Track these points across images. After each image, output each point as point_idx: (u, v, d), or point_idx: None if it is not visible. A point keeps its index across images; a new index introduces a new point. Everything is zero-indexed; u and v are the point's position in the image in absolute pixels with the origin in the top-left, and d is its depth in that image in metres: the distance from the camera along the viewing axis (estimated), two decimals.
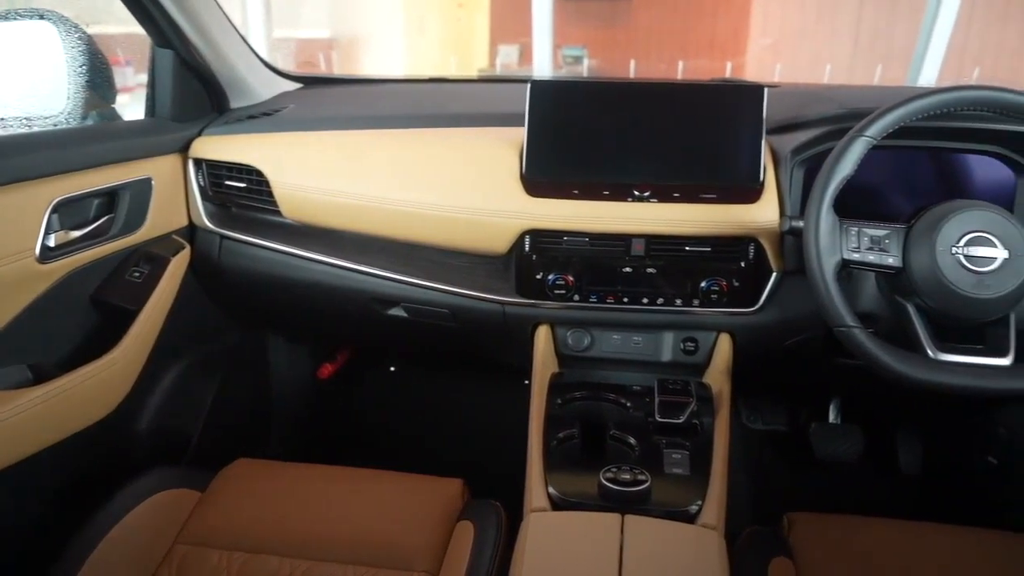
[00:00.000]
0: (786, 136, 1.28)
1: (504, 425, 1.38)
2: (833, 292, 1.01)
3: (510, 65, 6.92)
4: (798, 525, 1.13)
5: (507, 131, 1.32)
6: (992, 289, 0.98)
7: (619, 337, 1.33)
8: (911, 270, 1.02)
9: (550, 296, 1.26)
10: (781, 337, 1.28)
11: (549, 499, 1.02)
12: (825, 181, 1.02)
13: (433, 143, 1.34)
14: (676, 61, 6.40)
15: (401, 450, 1.86)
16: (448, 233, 1.29)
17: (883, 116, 1.02)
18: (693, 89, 1.24)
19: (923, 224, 1.03)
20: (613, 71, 6.89)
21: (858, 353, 1.01)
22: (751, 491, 1.78)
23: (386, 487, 1.21)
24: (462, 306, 1.33)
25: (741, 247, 1.23)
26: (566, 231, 1.24)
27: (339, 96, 1.72)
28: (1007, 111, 1.02)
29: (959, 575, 1.04)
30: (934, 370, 0.99)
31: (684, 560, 0.90)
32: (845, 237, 1.03)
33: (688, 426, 1.12)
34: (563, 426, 1.14)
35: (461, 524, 1.12)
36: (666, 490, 1.01)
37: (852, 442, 1.76)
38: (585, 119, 1.24)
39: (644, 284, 1.25)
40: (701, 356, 1.30)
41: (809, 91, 1.59)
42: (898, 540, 1.11)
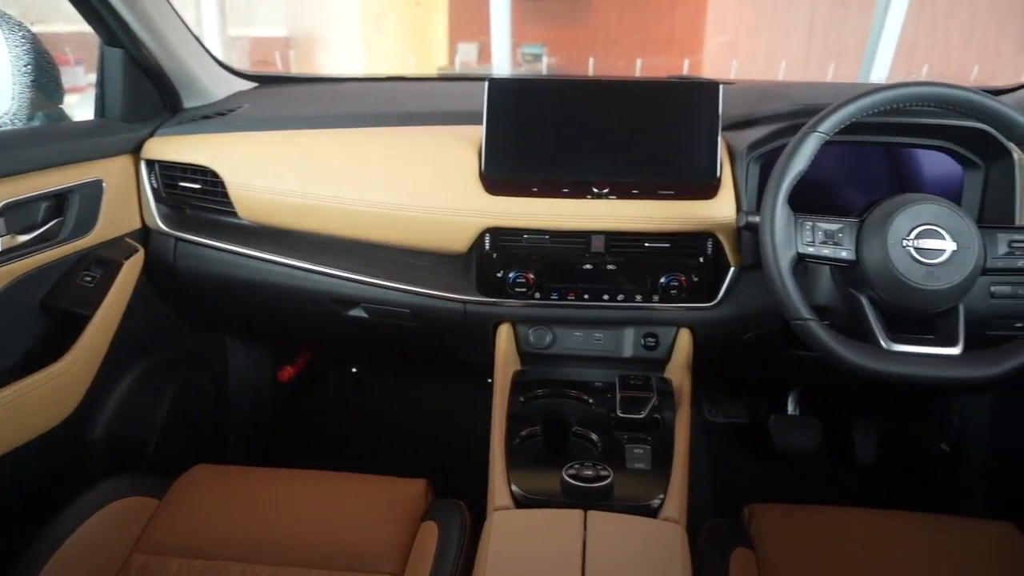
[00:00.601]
0: (742, 132, 1.29)
1: (467, 424, 1.38)
2: (789, 286, 1.02)
3: (470, 63, 6.91)
4: (758, 516, 1.15)
5: (466, 129, 1.31)
6: (941, 280, 1.00)
7: (581, 334, 1.33)
8: (864, 263, 1.04)
9: (511, 294, 1.26)
10: (740, 331, 1.30)
11: (512, 497, 1.02)
12: (780, 177, 1.04)
13: (391, 142, 1.33)
14: (635, 59, 6.44)
15: (364, 451, 1.85)
16: (408, 233, 1.28)
17: (835, 112, 1.04)
18: (650, 87, 1.25)
19: (875, 218, 1.05)
20: (572, 69, 6.92)
21: (814, 345, 1.03)
22: (713, 484, 1.80)
23: (349, 489, 1.20)
24: (423, 306, 1.32)
25: (699, 243, 1.24)
26: (526, 229, 1.24)
27: (296, 95, 1.70)
28: (953, 106, 1.04)
29: (914, 561, 1.07)
30: (887, 360, 1.01)
31: (647, 554, 0.91)
32: (800, 231, 1.04)
33: (649, 421, 1.13)
34: (526, 424, 1.15)
35: (425, 524, 1.11)
36: (628, 485, 1.02)
37: (810, 433, 1.79)
38: (543, 117, 1.24)
39: (604, 281, 1.26)
40: (662, 351, 1.31)
41: (764, 88, 1.62)
42: (855, 528, 1.13)
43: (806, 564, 1.06)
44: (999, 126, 1.05)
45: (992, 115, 1.04)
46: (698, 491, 1.72)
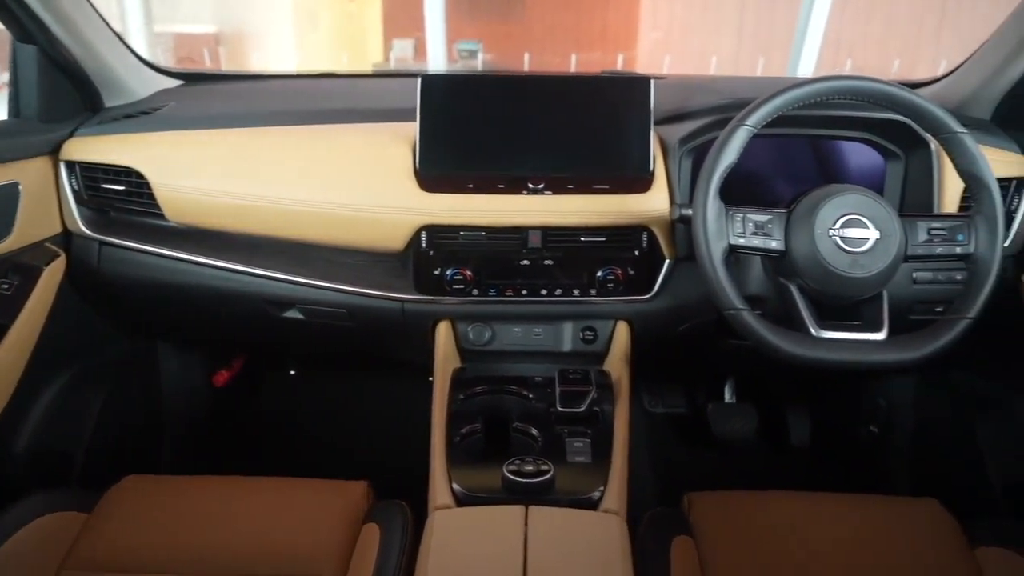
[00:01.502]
0: (674, 126, 1.31)
1: (409, 423, 1.36)
2: (721, 277, 1.04)
3: (405, 60, 6.85)
4: (697, 503, 1.17)
5: (400, 126, 1.30)
6: (866, 268, 1.04)
7: (520, 330, 1.33)
8: (793, 253, 1.06)
9: (449, 292, 1.26)
10: (676, 322, 1.32)
11: (453, 495, 1.01)
12: (710, 170, 1.05)
13: (324, 140, 1.31)
14: (569, 54, 6.48)
15: (304, 455, 1.82)
16: (342, 231, 1.26)
17: (762, 106, 1.06)
18: (583, 82, 1.26)
19: (802, 208, 1.07)
20: (508, 65, 6.92)
21: (746, 334, 1.05)
22: (654, 473, 1.83)
23: (288, 494, 1.17)
24: (360, 305, 1.31)
25: (634, 236, 1.25)
26: (462, 226, 1.24)
27: (224, 93, 1.66)
28: (873, 99, 1.07)
29: (845, 540, 1.10)
30: (816, 347, 1.04)
31: (588, 546, 0.91)
32: (731, 223, 1.06)
33: (589, 414, 1.14)
34: (466, 421, 1.14)
35: (367, 527, 1.10)
36: (569, 478, 1.02)
37: (746, 420, 1.83)
38: (478, 113, 1.24)
39: (542, 276, 1.26)
40: (600, 344, 1.32)
41: (695, 83, 1.64)
42: (790, 511, 1.16)
43: (743, 548, 1.08)
44: (916, 118, 1.09)
45: (909, 107, 1.07)
46: (639, 481, 1.74)
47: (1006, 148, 1.32)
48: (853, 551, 1.08)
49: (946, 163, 1.14)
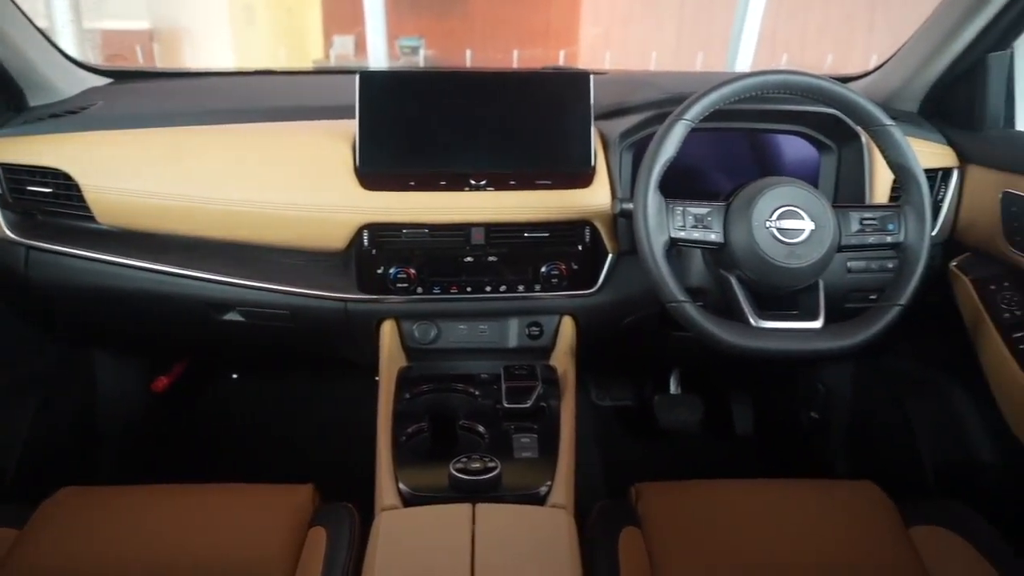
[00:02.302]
0: (614, 121, 1.32)
1: (355, 424, 1.35)
2: (663, 270, 1.05)
3: (346, 56, 6.75)
4: (645, 494, 1.18)
5: (340, 124, 1.28)
6: (802, 259, 1.06)
7: (465, 327, 1.33)
8: (732, 244, 1.08)
9: (393, 290, 1.25)
10: (620, 315, 1.33)
11: (400, 496, 1.01)
12: (650, 164, 1.06)
13: (261, 138, 1.28)
14: (512, 50, 6.48)
15: (249, 460, 1.78)
16: (282, 232, 1.24)
17: (699, 100, 1.08)
18: (523, 78, 1.26)
19: (740, 201, 1.09)
20: (450, 61, 6.88)
21: (688, 326, 1.06)
22: (602, 467, 1.84)
23: (231, 501, 1.15)
24: (301, 306, 1.28)
25: (577, 231, 1.26)
26: (405, 224, 1.23)
27: (156, 91, 1.61)
28: (806, 93, 1.10)
29: (788, 524, 1.13)
30: (755, 337, 1.06)
31: (534, 541, 0.91)
32: (671, 216, 1.07)
33: (536, 410, 1.14)
34: (412, 420, 1.13)
35: (313, 531, 1.08)
36: (516, 474, 1.02)
37: (692, 410, 1.86)
38: (418, 110, 1.23)
39: (486, 272, 1.26)
40: (546, 340, 1.33)
41: (634, 78, 1.66)
42: (735, 498, 1.18)
43: (690, 537, 1.09)
44: (847, 111, 1.12)
45: (840, 101, 1.10)
46: (587, 474, 1.76)
47: (932, 140, 1.37)
48: (795, 535, 1.11)
49: (877, 155, 1.17)
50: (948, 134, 1.38)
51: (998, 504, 1.31)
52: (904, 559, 1.07)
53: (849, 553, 1.08)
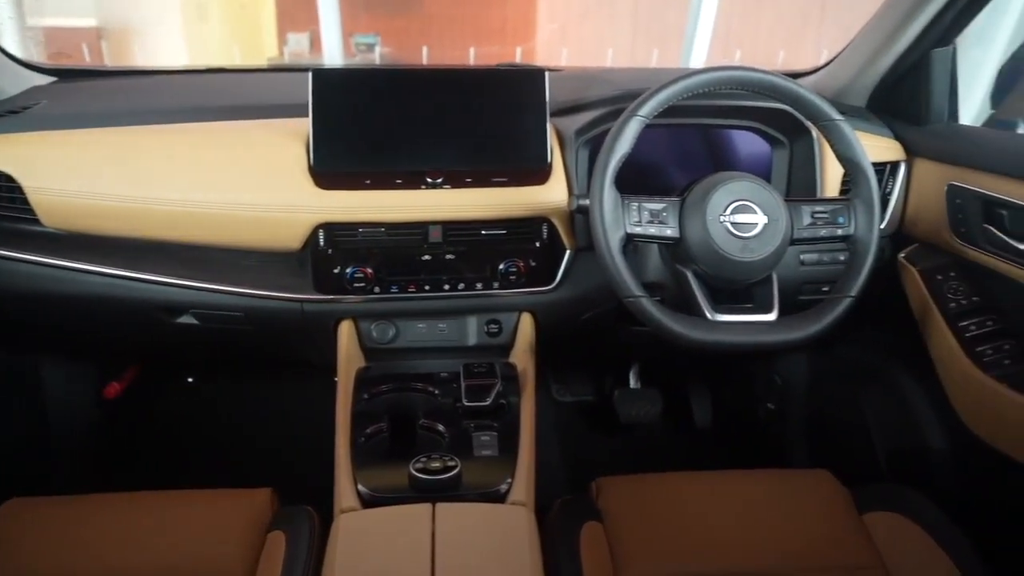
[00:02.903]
0: (570, 118, 1.33)
1: (314, 426, 1.33)
2: (620, 265, 1.06)
3: (301, 54, 6.68)
4: (605, 489, 1.19)
5: (294, 122, 1.26)
6: (755, 252, 1.07)
7: (424, 325, 1.32)
8: (687, 239, 1.09)
9: (350, 290, 1.23)
10: (579, 311, 1.33)
11: (359, 497, 1.00)
12: (605, 160, 1.07)
13: (213, 137, 1.25)
14: (468, 47, 6.47)
15: (206, 465, 1.75)
16: (235, 232, 1.22)
17: (653, 96, 1.08)
18: (478, 75, 1.26)
19: (694, 196, 1.10)
20: (407, 58, 6.86)
21: (645, 320, 1.07)
22: (564, 462, 1.85)
23: (188, 507, 1.13)
24: (257, 307, 1.26)
25: (535, 228, 1.26)
26: (361, 223, 1.21)
27: (103, 90, 1.57)
28: (758, 89, 1.11)
29: (746, 514, 1.15)
30: (712, 330, 1.07)
31: (495, 539, 0.91)
32: (627, 212, 1.08)
33: (495, 407, 1.14)
34: (371, 421, 1.13)
35: (272, 535, 1.07)
36: (476, 473, 1.02)
37: (651, 404, 1.88)
38: (372, 107, 1.21)
39: (444, 270, 1.25)
40: (505, 337, 1.33)
41: (589, 74, 1.66)
42: (694, 490, 1.20)
43: (651, 529, 1.10)
44: (797, 106, 1.13)
45: (790, 97, 1.12)
46: (549, 470, 1.76)
47: (880, 134, 1.39)
48: (753, 524, 1.13)
49: (827, 149, 1.19)
50: (895, 128, 1.41)
51: (947, 488, 1.35)
52: (858, 544, 1.09)
53: (805, 539, 1.10)
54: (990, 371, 1.16)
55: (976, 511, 1.21)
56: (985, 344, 1.20)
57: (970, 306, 1.24)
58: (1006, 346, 1.20)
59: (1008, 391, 1.11)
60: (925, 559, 1.06)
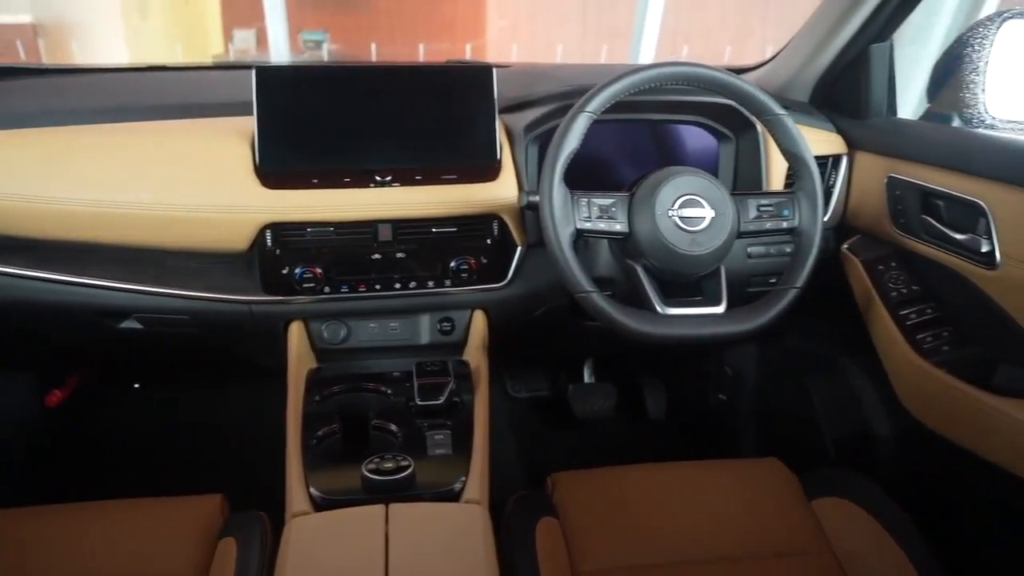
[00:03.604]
0: (519, 114, 1.33)
1: (266, 429, 1.31)
2: (570, 261, 1.06)
3: (247, 51, 6.55)
4: (561, 484, 1.19)
5: (239, 121, 1.24)
6: (703, 246, 1.09)
7: (376, 325, 1.31)
8: (636, 234, 1.10)
9: (299, 290, 1.22)
10: (531, 307, 1.34)
11: (311, 501, 0.99)
12: (554, 156, 1.07)
13: (154, 137, 1.22)
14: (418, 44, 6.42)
15: (156, 473, 1.71)
16: (179, 234, 1.19)
17: (600, 92, 1.09)
18: (426, 72, 1.25)
19: (643, 191, 1.11)
20: (356, 55, 6.78)
21: (597, 315, 1.08)
22: (519, 459, 1.85)
23: (135, 517, 1.10)
24: (203, 310, 1.24)
25: (486, 225, 1.26)
26: (309, 222, 1.20)
27: (39, 88, 1.52)
28: (703, 84, 1.13)
29: (698, 504, 1.16)
30: (662, 324, 1.08)
31: (449, 538, 0.91)
32: (577, 208, 1.09)
33: (449, 405, 1.14)
34: (323, 423, 1.11)
35: (223, 542, 1.05)
36: (430, 472, 1.02)
37: (605, 398, 1.90)
38: (319, 105, 1.20)
39: (395, 269, 1.24)
40: (458, 335, 1.32)
41: (538, 70, 1.67)
42: (648, 482, 1.21)
43: (606, 522, 1.11)
44: (742, 101, 1.15)
45: (735, 92, 1.13)
46: (506, 467, 1.77)
47: (822, 128, 1.42)
48: (706, 513, 1.14)
49: (771, 144, 1.21)
50: (837, 122, 1.44)
51: (891, 472, 1.39)
52: (806, 528, 1.12)
53: (756, 527, 1.12)
54: (930, 357, 1.20)
55: (919, 493, 1.25)
56: (925, 331, 1.24)
57: (910, 295, 1.28)
58: (944, 333, 1.23)
59: (946, 376, 1.14)
60: (870, 541, 1.09)
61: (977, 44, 1.17)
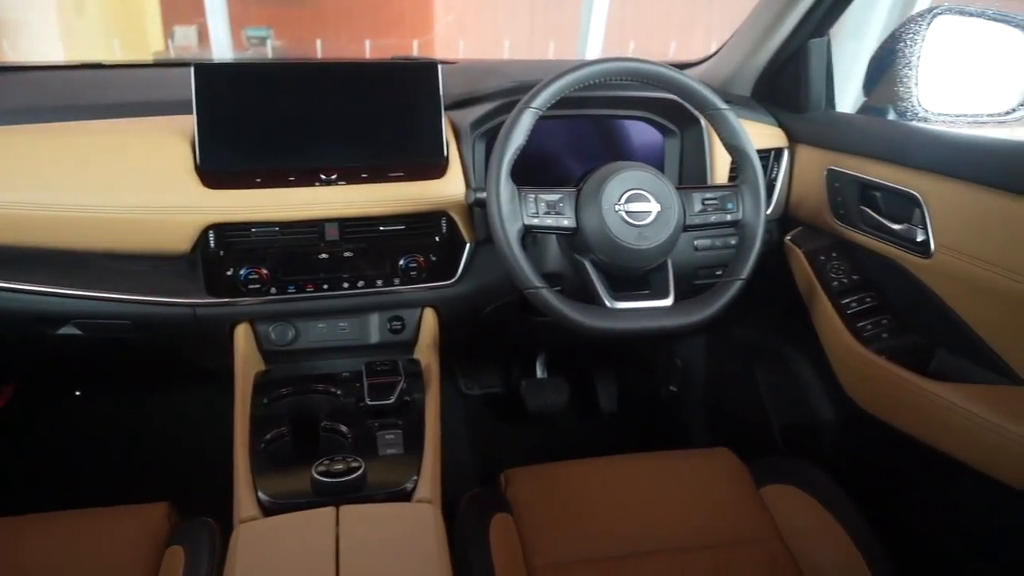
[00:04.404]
0: (465, 111, 1.32)
1: (213, 434, 1.29)
2: (519, 257, 1.06)
3: (189, 48, 6.41)
4: (514, 480, 1.20)
5: (178, 119, 1.21)
6: (650, 240, 1.10)
7: (324, 325, 1.29)
8: (584, 229, 1.11)
9: (245, 292, 1.19)
10: (481, 304, 1.33)
11: (260, 505, 0.97)
12: (500, 152, 1.07)
13: (91, 136, 1.18)
14: (364, 40, 6.36)
15: (100, 483, 1.66)
16: (118, 237, 1.16)
17: (545, 88, 1.09)
18: (370, 68, 1.24)
19: (589, 186, 1.12)
20: (301, 51, 6.69)
21: (546, 311, 1.08)
22: (474, 456, 1.85)
23: (79, 528, 1.07)
24: (146, 314, 1.21)
25: (434, 222, 1.25)
26: (253, 222, 1.18)
27: None
28: (646, 80, 1.14)
29: (650, 494, 1.18)
30: (610, 318, 1.09)
31: (401, 538, 0.90)
32: (524, 204, 1.09)
33: (400, 405, 1.13)
34: (271, 425, 1.09)
35: (171, 550, 1.03)
36: (381, 472, 1.01)
37: (558, 392, 1.91)
38: (261, 103, 1.18)
39: (343, 268, 1.23)
40: (408, 333, 1.31)
41: (484, 66, 1.66)
42: (600, 475, 1.22)
43: (560, 517, 1.12)
44: (685, 96, 1.17)
45: (678, 87, 1.15)
46: (460, 465, 1.76)
47: (764, 122, 1.45)
48: (658, 504, 1.16)
49: (715, 138, 1.23)
50: (778, 116, 1.47)
51: (835, 457, 1.43)
52: (756, 515, 1.14)
53: (707, 516, 1.14)
54: (870, 345, 1.23)
55: (863, 477, 1.28)
56: (865, 320, 1.27)
57: (851, 284, 1.31)
58: (884, 320, 1.27)
59: (886, 363, 1.18)
60: (817, 526, 1.12)
61: (909, 39, 1.20)
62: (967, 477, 1.05)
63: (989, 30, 1.18)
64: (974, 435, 1.02)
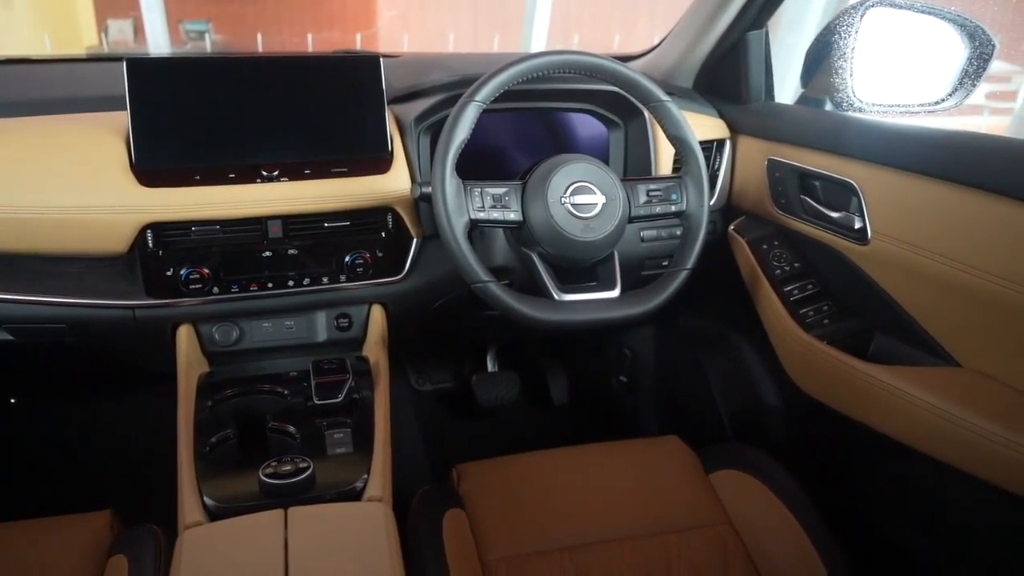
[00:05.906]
0: (409, 105, 1.31)
1: (156, 439, 1.25)
2: (466, 251, 1.06)
3: (124, 42, 6.23)
4: (466, 474, 1.19)
5: (112, 116, 1.17)
6: (596, 232, 1.11)
7: (270, 324, 1.27)
8: (530, 222, 1.11)
9: (186, 292, 1.16)
10: (429, 299, 1.33)
11: (205, 510, 0.95)
12: (445, 146, 1.06)
13: (18, 134, 1.14)
14: (306, 34, 6.26)
15: (38, 492, 1.61)
16: (49, 238, 1.12)
17: (488, 81, 1.09)
18: (312, 62, 1.22)
19: (535, 179, 1.12)
20: (241, 45, 6.56)
21: (494, 305, 1.08)
22: (427, 452, 1.84)
23: (16, 540, 1.03)
24: (82, 317, 1.17)
25: (380, 218, 1.24)
26: (192, 220, 1.15)
27: None
28: (589, 72, 1.14)
29: (601, 484, 1.19)
30: (558, 310, 1.10)
31: (351, 538, 0.89)
32: (470, 198, 1.08)
33: (348, 403, 1.11)
34: (216, 428, 1.07)
35: (113, 559, 1.00)
36: (331, 472, 0.99)
37: (509, 386, 1.91)
38: (199, 98, 1.15)
39: (288, 266, 1.21)
40: (356, 330, 1.30)
41: (427, 60, 1.65)
42: (552, 467, 1.23)
43: (512, 510, 1.12)
44: (628, 89, 1.17)
45: (621, 79, 1.15)
46: (412, 462, 1.76)
47: (706, 113, 1.47)
48: (609, 494, 1.17)
49: (659, 130, 1.24)
50: (719, 107, 1.49)
51: (781, 442, 1.46)
52: (706, 501, 1.16)
53: (658, 503, 1.16)
54: (812, 331, 1.26)
55: (808, 461, 1.31)
56: (807, 306, 1.30)
57: (793, 272, 1.34)
58: (825, 307, 1.30)
59: (827, 348, 1.21)
60: (764, 509, 1.14)
61: (844, 31, 1.23)
62: (907, 457, 1.08)
63: (919, 22, 1.21)
64: (912, 416, 1.05)
